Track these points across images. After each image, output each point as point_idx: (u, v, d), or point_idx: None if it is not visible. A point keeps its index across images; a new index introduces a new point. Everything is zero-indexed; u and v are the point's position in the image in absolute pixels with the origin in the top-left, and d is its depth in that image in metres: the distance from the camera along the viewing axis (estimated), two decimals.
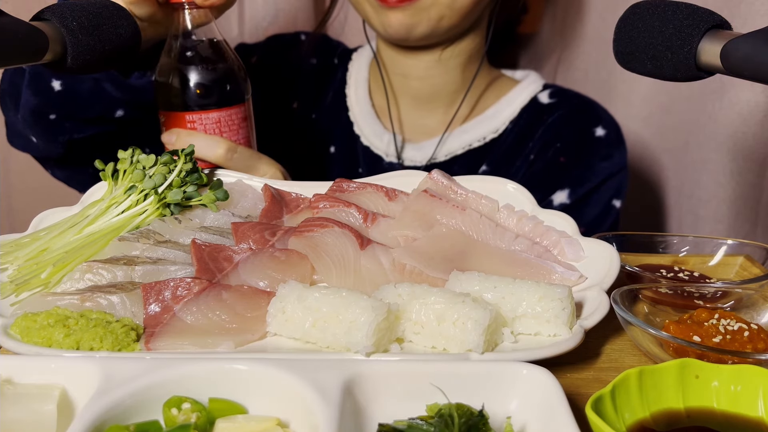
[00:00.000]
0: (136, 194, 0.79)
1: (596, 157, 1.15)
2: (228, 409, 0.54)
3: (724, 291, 0.72)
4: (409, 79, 1.19)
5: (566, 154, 1.16)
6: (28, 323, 0.62)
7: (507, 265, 0.74)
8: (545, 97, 1.20)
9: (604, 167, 1.15)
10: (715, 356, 0.60)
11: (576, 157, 1.16)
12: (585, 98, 1.22)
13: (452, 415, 0.49)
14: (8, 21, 0.65)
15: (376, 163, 1.20)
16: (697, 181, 1.37)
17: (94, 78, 0.96)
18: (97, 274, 0.69)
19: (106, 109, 0.99)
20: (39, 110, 0.97)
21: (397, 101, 1.22)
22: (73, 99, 0.97)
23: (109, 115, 0.99)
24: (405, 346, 0.62)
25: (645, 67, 0.70)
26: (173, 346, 0.62)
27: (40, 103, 0.97)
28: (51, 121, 0.98)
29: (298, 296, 0.63)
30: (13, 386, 0.54)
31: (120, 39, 0.77)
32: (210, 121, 0.91)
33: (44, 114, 0.98)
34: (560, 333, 0.63)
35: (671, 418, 0.55)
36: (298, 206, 0.84)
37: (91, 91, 0.97)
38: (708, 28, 0.65)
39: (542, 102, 1.20)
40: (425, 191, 0.81)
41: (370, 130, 1.22)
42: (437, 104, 1.20)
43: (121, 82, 0.97)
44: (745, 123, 1.27)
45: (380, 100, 1.23)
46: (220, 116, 0.91)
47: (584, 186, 1.14)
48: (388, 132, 1.20)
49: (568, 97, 1.21)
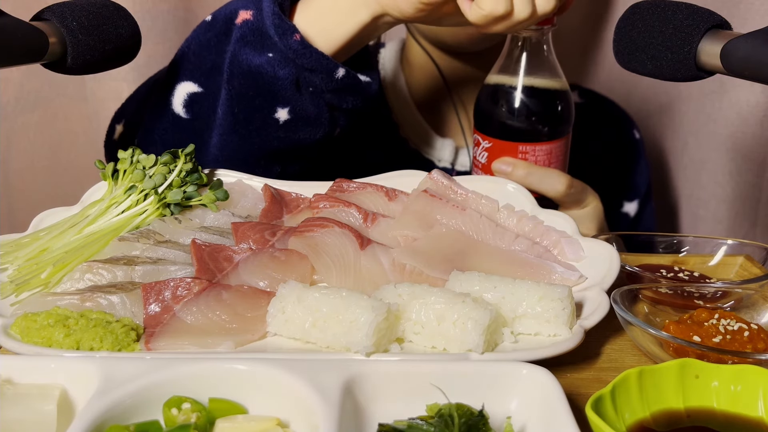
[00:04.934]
0: (136, 194, 0.79)
1: (641, 159, 1.22)
2: (228, 409, 0.54)
3: (724, 291, 0.72)
4: (452, 83, 1.16)
5: (619, 161, 1.21)
6: (28, 323, 0.62)
7: (507, 265, 0.74)
8: (576, 97, 1.22)
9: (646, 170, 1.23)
10: (715, 356, 0.60)
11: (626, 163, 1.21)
12: (610, 99, 1.25)
13: (452, 415, 0.49)
14: (8, 21, 0.65)
15: (427, 168, 1.16)
16: (697, 181, 1.37)
17: (314, 92, 0.86)
18: (97, 274, 0.69)
19: (331, 129, 0.90)
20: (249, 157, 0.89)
21: (440, 106, 1.19)
22: (297, 127, 0.88)
23: (330, 135, 0.91)
24: (405, 346, 0.62)
25: (645, 67, 0.70)
26: (173, 346, 0.62)
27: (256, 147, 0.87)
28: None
29: (298, 296, 0.63)
30: (13, 386, 0.54)
31: (120, 39, 0.77)
32: (542, 152, 0.89)
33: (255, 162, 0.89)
34: (560, 333, 0.63)
35: (671, 418, 0.55)
36: (298, 206, 0.84)
37: (318, 109, 0.88)
38: (708, 28, 0.65)
39: (576, 102, 1.21)
40: (425, 191, 0.81)
41: (419, 134, 1.17)
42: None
43: (356, 85, 0.88)
44: (744, 123, 1.27)
45: (423, 103, 1.19)
46: (551, 148, 0.88)
47: (642, 192, 1.20)
48: (440, 137, 1.16)
49: (597, 98, 1.24)
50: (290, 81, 0.85)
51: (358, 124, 0.95)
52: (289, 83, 0.85)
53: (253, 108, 0.86)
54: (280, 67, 0.84)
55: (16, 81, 1.28)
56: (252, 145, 0.88)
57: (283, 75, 0.85)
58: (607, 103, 1.27)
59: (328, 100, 0.88)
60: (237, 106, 0.86)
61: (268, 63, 0.84)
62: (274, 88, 0.85)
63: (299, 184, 0.87)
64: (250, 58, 0.85)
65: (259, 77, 0.85)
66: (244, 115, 0.86)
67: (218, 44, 0.89)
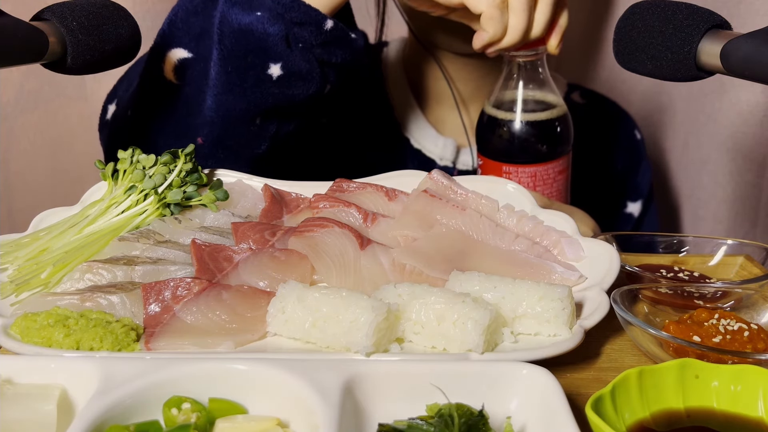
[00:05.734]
0: (136, 194, 0.79)
1: (643, 160, 1.23)
2: (228, 409, 0.54)
3: (724, 291, 0.72)
4: (453, 81, 1.16)
5: (622, 162, 1.21)
6: (28, 323, 0.62)
7: (507, 265, 0.74)
8: (578, 98, 1.22)
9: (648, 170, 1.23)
10: (715, 356, 0.60)
11: (629, 163, 1.21)
12: (611, 100, 1.26)
13: (452, 415, 0.49)
14: (8, 21, 0.65)
15: (429, 167, 1.17)
16: (697, 181, 1.37)
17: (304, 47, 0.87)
18: (97, 274, 0.69)
19: (322, 85, 0.90)
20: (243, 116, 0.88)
21: (441, 105, 1.19)
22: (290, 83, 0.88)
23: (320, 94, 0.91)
24: (405, 346, 0.62)
25: (645, 67, 0.70)
26: (173, 346, 0.62)
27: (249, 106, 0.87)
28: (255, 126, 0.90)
29: (298, 296, 0.63)
30: (13, 386, 0.54)
31: (120, 39, 0.77)
32: (525, 174, 0.91)
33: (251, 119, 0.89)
34: (560, 333, 0.63)
35: (671, 418, 0.55)
36: (298, 206, 0.84)
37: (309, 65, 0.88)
38: (708, 28, 0.65)
39: (577, 102, 1.21)
40: (425, 191, 0.81)
41: (421, 133, 1.17)
42: (479, 106, 1.20)
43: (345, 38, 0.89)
44: (745, 123, 1.27)
45: (424, 102, 1.19)
46: (536, 170, 0.90)
47: (645, 192, 1.21)
48: (442, 136, 1.16)
49: (598, 98, 1.25)
50: (280, 37, 0.86)
51: (348, 83, 0.96)
52: (279, 39, 0.86)
53: (246, 66, 0.87)
54: (269, 24, 0.86)
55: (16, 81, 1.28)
56: (248, 104, 0.88)
57: (273, 32, 0.86)
58: (609, 103, 1.28)
59: (318, 55, 0.89)
60: (230, 65, 0.87)
61: (258, 21, 0.86)
62: (265, 45, 0.86)
63: (299, 184, 0.87)
64: (239, 17, 0.86)
65: (249, 35, 0.86)
66: (238, 74, 0.87)
67: (205, 9, 0.90)
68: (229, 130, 0.89)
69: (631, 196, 1.23)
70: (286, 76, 0.88)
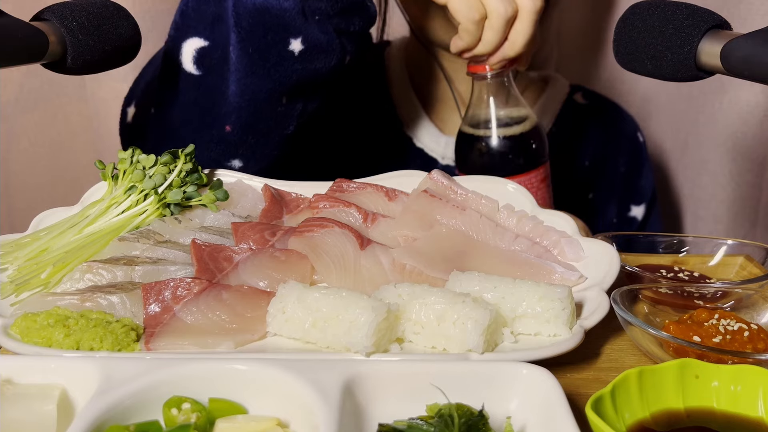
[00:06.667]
0: (136, 194, 0.79)
1: (646, 162, 1.24)
2: (228, 409, 0.54)
3: (724, 291, 0.72)
4: (453, 81, 1.16)
5: (624, 164, 1.22)
6: (28, 323, 0.62)
7: (507, 265, 0.74)
8: (580, 98, 1.22)
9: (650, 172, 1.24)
10: (715, 356, 0.60)
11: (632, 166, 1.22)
12: (613, 101, 1.27)
13: (452, 415, 0.49)
14: (8, 21, 0.65)
15: (430, 166, 1.14)
16: (697, 182, 1.37)
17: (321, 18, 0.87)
18: (97, 274, 0.69)
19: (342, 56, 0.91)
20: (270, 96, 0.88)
21: (444, 104, 1.19)
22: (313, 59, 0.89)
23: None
24: (405, 346, 0.62)
25: (645, 67, 0.70)
26: (173, 346, 0.62)
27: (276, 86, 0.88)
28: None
29: (298, 296, 0.63)
30: (13, 386, 0.54)
31: (120, 39, 0.77)
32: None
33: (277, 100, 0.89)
34: (560, 333, 0.63)
35: (671, 418, 0.55)
36: (298, 206, 0.84)
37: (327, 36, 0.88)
38: (708, 28, 0.65)
39: (580, 103, 1.21)
40: (425, 191, 0.81)
41: (424, 132, 1.18)
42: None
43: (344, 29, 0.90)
44: (744, 123, 1.27)
45: (427, 101, 1.20)
46: (519, 182, 0.91)
47: (648, 196, 1.21)
48: (444, 135, 1.17)
49: (600, 100, 1.25)
50: (297, 11, 0.86)
51: (364, 53, 0.97)
52: (296, 13, 0.86)
53: (267, 44, 0.86)
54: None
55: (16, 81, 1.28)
56: (273, 83, 0.88)
57: (289, 6, 0.85)
58: (611, 105, 1.28)
59: (336, 24, 0.89)
60: (251, 45, 0.86)
61: None
62: (282, 21, 0.86)
63: (299, 184, 0.87)
64: None
65: (266, 12, 0.86)
66: (260, 54, 0.87)
67: None
68: (256, 114, 0.89)
69: (635, 200, 1.23)
70: (307, 50, 0.88)
